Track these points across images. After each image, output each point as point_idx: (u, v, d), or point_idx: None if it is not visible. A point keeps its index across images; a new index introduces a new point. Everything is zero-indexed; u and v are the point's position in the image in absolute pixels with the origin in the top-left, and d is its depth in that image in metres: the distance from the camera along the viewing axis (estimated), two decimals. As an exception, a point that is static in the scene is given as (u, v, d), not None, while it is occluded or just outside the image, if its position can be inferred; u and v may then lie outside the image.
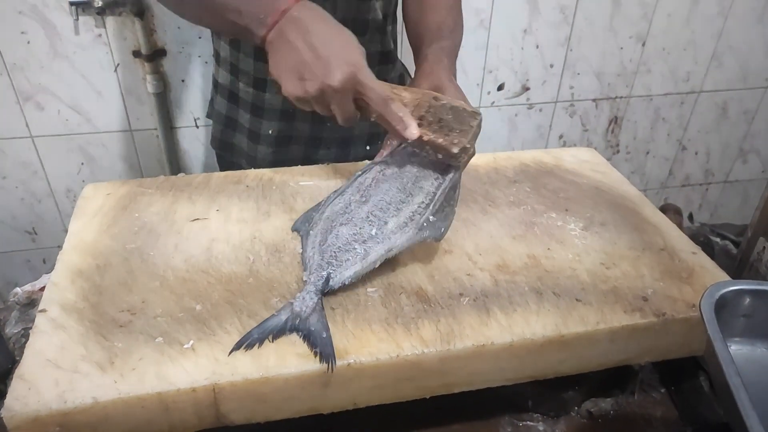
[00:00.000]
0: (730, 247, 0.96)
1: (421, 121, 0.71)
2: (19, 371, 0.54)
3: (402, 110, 0.69)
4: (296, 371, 0.56)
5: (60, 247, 0.70)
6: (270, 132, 1.04)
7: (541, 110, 1.84)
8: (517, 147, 1.88)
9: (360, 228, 0.68)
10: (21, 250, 1.72)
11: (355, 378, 0.58)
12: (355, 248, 0.66)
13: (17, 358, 0.69)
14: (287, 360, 0.57)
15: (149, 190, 0.81)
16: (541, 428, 0.70)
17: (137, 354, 0.56)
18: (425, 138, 0.70)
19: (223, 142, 1.11)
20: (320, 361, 0.56)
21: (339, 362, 0.57)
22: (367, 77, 0.68)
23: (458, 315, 0.63)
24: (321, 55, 0.66)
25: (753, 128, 2.05)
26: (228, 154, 1.12)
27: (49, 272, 0.68)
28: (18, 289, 0.76)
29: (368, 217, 0.69)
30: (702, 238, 0.97)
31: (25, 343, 0.58)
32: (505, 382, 0.64)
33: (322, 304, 0.62)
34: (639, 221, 0.80)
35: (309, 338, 0.58)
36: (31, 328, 0.60)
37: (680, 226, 0.90)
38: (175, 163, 1.67)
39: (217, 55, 1.06)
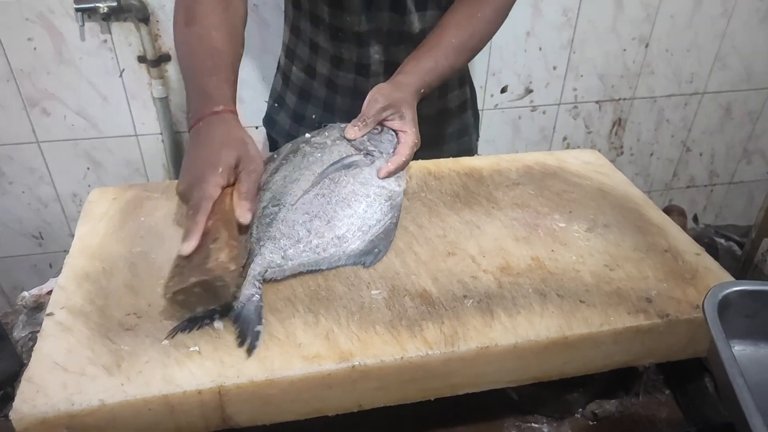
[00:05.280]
0: (735, 248, 0.96)
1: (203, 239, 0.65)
2: (27, 374, 0.55)
3: (188, 226, 0.66)
4: (301, 373, 0.56)
5: (66, 251, 0.71)
6: (313, 117, 1.10)
7: (544, 112, 1.84)
8: (520, 149, 1.88)
9: (311, 221, 0.71)
10: (27, 254, 1.73)
11: (359, 380, 0.58)
12: (306, 240, 0.70)
13: (25, 362, 0.70)
14: (292, 362, 0.57)
15: (155, 195, 0.81)
16: (545, 430, 0.70)
17: (144, 357, 0.57)
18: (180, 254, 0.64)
19: (271, 118, 1.18)
20: (247, 353, 0.58)
21: (344, 364, 0.57)
22: (200, 190, 0.69)
23: (462, 317, 0.63)
24: (186, 165, 0.75)
25: (757, 129, 2.05)
26: (273, 132, 1.18)
27: (56, 276, 0.68)
28: (25, 293, 0.76)
29: (319, 213, 0.72)
30: (706, 240, 0.97)
31: (33, 346, 0.58)
32: (509, 384, 0.64)
33: (261, 295, 0.63)
34: (643, 223, 0.80)
35: (241, 328, 0.60)
36: (38, 331, 0.60)
37: (684, 227, 0.90)
38: (179, 168, 1.68)
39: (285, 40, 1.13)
